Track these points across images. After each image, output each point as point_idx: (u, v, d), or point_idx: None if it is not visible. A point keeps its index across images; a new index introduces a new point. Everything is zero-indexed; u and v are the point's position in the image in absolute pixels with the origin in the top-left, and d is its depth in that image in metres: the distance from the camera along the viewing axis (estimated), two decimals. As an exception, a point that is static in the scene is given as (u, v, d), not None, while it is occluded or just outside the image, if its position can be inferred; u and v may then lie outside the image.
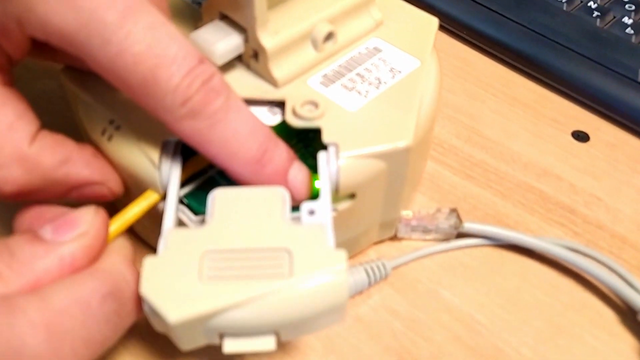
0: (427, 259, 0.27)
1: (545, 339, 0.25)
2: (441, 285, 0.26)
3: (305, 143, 0.26)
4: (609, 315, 0.26)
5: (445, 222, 0.27)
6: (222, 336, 0.19)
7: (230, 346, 0.19)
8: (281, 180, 0.21)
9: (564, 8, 0.37)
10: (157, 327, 0.19)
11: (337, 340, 0.24)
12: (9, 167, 0.20)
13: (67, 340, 0.17)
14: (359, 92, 0.24)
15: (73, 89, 0.24)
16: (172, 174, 0.22)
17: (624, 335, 0.25)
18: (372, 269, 0.25)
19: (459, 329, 0.25)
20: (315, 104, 0.23)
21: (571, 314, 0.26)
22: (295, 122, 0.23)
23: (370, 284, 0.25)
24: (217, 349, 0.19)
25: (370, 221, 0.25)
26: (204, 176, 0.24)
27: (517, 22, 0.37)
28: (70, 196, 0.22)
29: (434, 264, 0.27)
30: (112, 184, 0.23)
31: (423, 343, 0.24)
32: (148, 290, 0.18)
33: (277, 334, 0.19)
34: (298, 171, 0.22)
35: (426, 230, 0.27)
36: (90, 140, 0.23)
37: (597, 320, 0.25)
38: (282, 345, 0.24)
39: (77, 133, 0.24)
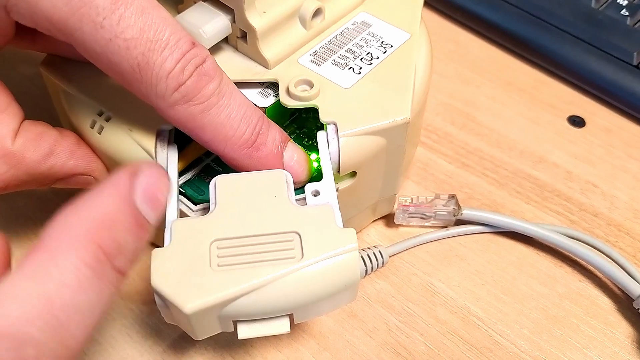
0: (422, 250, 0.27)
1: (542, 330, 0.24)
2: (436, 278, 0.26)
3: (299, 124, 0.26)
4: (605, 304, 0.25)
5: (444, 209, 0.26)
6: (236, 322, 0.19)
7: (244, 332, 0.19)
8: (276, 162, 0.21)
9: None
10: (169, 319, 0.19)
11: (331, 336, 0.24)
12: None
13: None
14: (352, 69, 0.24)
15: (55, 82, 0.23)
16: (169, 163, 0.21)
17: (620, 324, 0.25)
18: (369, 256, 0.25)
19: (455, 323, 0.25)
20: (310, 83, 0.23)
21: (567, 303, 0.25)
22: (290, 103, 0.22)
23: (367, 273, 0.25)
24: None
25: (370, 199, 0.25)
26: (200, 164, 0.24)
27: (511, 4, 0.36)
28: (56, 186, 0.22)
29: (429, 256, 0.27)
30: (97, 174, 0.22)
31: (419, 337, 0.24)
32: (159, 282, 0.18)
33: (290, 317, 0.19)
34: (293, 152, 0.21)
35: (424, 217, 0.27)
36: (77, 133, 0.23)
37: (593, 309, 0.25)
38: (275, 342, 0.24)
39: (56, 122, 0.23)
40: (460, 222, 0.27)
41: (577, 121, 0.32)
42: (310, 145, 0.25)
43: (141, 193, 0.17)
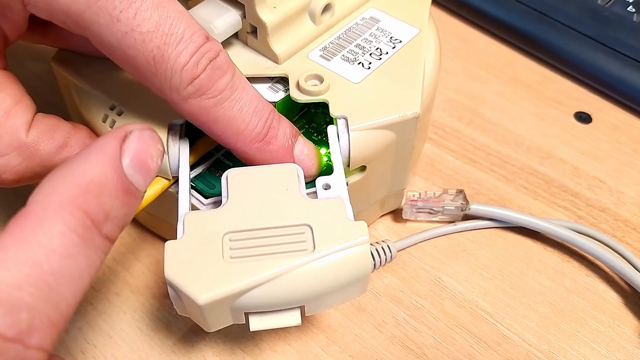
0: (430, 245, 0.27)
1: (549, 324, 0.25)
2: (444, 272, 0.26)
3: (308, 119, 0.26)
4: (613, 298, 0.26)
5: (451, 204, 0.27)
6: (247, 314, 0.19)
7: (256, 324, 0.19)
8: (287, 156, 0.21)
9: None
10: (181, 310, 0.19)
11: (340, 330, 0.24)
12: (8, 156, 0.20)
13: None
14: (361, 64, 0.24)
15: (67, 77, 0.23)
16: (181, 157, 0.21)
17: (627, 318, 0.25)
18: (378, 251, 0.25)
19: (463, 317, 0.25)
20: (319, 78, 0.23)
21: (575, 298, 0.25)
22: (300, 97, 0.23)
23: (375, 267, 0.25)
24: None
25: (379, 193, 0.25)
26: (210, 159, 0.24)
27: (517, 0, 0.36)
28: None
29: (437, 251, 0.27)
30: None
31: (427, 331, 0.24)
32: (172, 273, 0.18)
33: (301, 309, 0.19)
34: (303, 146, 0.22)
35: (432, 212, 0.27)
36: (89, 127, 0.23)
37: (601, 304, 0.25)
38: (284, 336, 0.24)
39: (65, 118, 0.23)
40: (467, 217, 0.27)
41: (583, 117, 0.33)
42: (320, 140, 0.25)
43: (130, 158, 0.17)
